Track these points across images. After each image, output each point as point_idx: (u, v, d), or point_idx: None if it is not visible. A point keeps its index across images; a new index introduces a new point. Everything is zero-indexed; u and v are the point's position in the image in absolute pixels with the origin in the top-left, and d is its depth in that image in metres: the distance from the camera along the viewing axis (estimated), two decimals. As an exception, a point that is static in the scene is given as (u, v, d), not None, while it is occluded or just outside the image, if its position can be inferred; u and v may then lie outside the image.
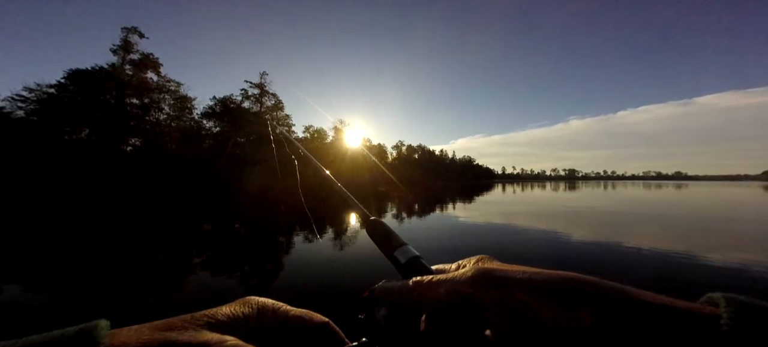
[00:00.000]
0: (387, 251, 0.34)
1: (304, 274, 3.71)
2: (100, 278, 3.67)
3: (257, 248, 5.17)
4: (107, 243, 5.58)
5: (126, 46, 29.77)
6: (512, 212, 10.63)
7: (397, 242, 0.34)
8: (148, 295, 3.16)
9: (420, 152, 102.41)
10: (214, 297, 3.04)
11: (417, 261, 0.31)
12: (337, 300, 2.86)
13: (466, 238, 6.08)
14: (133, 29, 30.40)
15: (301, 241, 5.61)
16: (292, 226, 7.33)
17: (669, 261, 4.32)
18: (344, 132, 55.50)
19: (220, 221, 8.92)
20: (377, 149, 73.14)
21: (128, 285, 3.45)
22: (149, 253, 4.93)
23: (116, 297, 3.07)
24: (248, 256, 4.67)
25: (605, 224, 7.93)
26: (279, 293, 3.21)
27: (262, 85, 40.17)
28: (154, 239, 6.09)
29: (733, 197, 19.67)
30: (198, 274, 3.84)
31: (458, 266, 0.27)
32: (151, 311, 2.77)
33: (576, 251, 4.94)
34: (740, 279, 3.56)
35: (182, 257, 4.73)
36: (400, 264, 0.31)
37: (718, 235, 6.40)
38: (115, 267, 4.13)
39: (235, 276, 3.75)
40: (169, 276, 3.85)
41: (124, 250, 5.05)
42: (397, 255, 0.32)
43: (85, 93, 24.91)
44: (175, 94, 33.77)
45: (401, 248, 0.33)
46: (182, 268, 4.15)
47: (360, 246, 5.01)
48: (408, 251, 0.32)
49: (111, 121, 26.75)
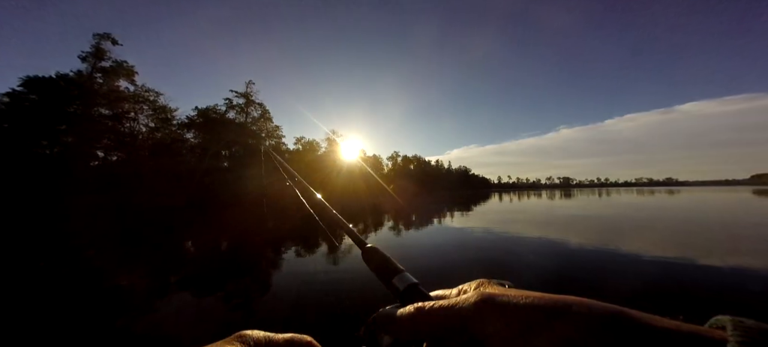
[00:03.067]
0: (385, 278, 0.33)
1: (290, 294, 3.55)
2: (64, 307, 3.20)
3: (240, 268, 4.86)
4: (68, 266, 4.99)
5: (97, 54, 27.62)
6: (519, 220, 10.42)
7: (394, 269, 0.33)
8: (122, 321, 2.83)
9: (416, 162, 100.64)
10: (194, 324, 2.83)
11: (415, 288, 0.30)
12: (331, 319, 2.76)
13: (466, 252, 5.73)
14: (106, 36, 28.32)
15: (292, 258, 5.35)
16: (279, 244, 6.87)
17: (679, 266, 4.34)
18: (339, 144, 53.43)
19: (199, 239, 8.28)
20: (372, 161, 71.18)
21: (96, 313, 3.05)
22: (118, 274, 4.46)
23: (80, 329, 2.64)
24: (229, 276, 4.38)
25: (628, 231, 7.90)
26: (266, 314, 3.02)
27: (248, 94, 38.14)
28: (122, 259, 5.55)
29: (742, 203, 18.86)
30: (176, 297, 3.56)
31: (459, 291, 0.27)
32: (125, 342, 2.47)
33: (596, 261, 4.90)
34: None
35: (157, 277, 4.40)
36: (398, 291, 0.31)
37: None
38: (79, 292, 3.67)
39: (216, 297, 3.51)
40: (143, 299, 3.49)
41: (88, 273, 4.57)
42: (395, 282, 0.32)
43: (44, 103, 22.49)
44: (153, 104, 31.69)
45: (399, 275, 0.32)
46: (158, 290, 3.82)
47: (352, 265, 4.69)
48: (406, 278, 0.32)
49: (76, 132, 24.32)
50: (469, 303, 0.22)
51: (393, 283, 0.32)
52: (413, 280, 0.31)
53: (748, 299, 3.21)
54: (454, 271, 4.51)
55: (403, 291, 0.30)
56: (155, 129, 31.62)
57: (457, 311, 0.22)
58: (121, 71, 28.49)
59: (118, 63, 28.64)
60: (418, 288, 0.30)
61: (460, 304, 0.22)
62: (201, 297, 3.52)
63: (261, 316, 2.97)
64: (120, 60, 28.84)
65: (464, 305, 0.22)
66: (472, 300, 0.21)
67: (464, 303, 0.22)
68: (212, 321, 2.86)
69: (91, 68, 27.18)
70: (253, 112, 38.91)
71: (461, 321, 0.21)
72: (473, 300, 0.21)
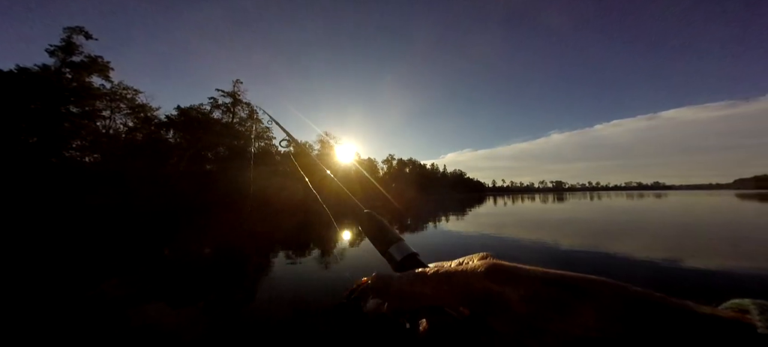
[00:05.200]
0: (381, 246, 0.31)
1: (281, 299, 3.41)
2: (31, 322, 2.87)
3: (224, 275, 4.66)
4: (34, 277, 4.49)
5: (68, 48, 25.44)
6: (514, 224, 10.61)
7: (392, 237, 0.31)
8: (106, 331, 2.65)
9: (411, 166, 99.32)
10: (168, 335, 2.67)
11: (414, 259, 0.29)
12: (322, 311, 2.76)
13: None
14: (79, 29, 26.16)
15: (281, 261, 5.32)
16: (269, 249, 6.73)
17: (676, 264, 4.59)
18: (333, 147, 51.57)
19: (178, 244, 7.93)
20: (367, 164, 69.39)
21: (73, 322, 2.83)
22: (98, 282, 4.20)
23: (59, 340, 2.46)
24: (214, 283, 4.20)
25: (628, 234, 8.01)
26: (254, 320, 2.94)
27: (236, 93, 36.16)
28: (93, 266, 5.20)
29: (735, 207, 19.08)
30: (155, 306, 3.33)
31: (460, 263, 0.24)
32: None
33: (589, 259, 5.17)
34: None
35: (129, 286, 4.07)
36: (395, 261, 0.29)
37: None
38: (53, 301, 3.37)
39: (192, 307, 3.33)
40: (113, 309, 3.19)
41: (60, 281, 4.19)
42: (392, 252, 0.30)
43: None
44: (131, 102, 29.58)
45: (397, 244, 0.30)
46: (129, 300, 3.51)
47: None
48: (404, 248, 0.30)
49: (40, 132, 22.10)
50: (478, 270, 0.20)
51: (390, 252, 0.30)
52: (412, 250, 0.30)
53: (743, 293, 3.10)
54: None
55: (401, 262, 0.29)
56: (135, 129, 29.69)
57: (463, 278, 0.20)
58: (94, 67, 26.32)
59: (92, 58, 26.49)
60: (417, 259, 0.29)
61: (468, 271, 0.21)
62: (180, 307, 3.31)
63: (250, 322, 2.82)
64: (94, 55, 26.72)
65: (472, 272, 0.20)
66: (482, 269, 0.20)
67: (472, 270, 0.20)
68: (193, 333, 2.68)
69: (60, 63, 24.99)
70: (241, 112, 36.91)
71: (467, 289, 0.20)
72: (483, 269, 0.20)
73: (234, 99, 36.08)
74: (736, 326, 0.15)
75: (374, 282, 0.26)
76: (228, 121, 35.23)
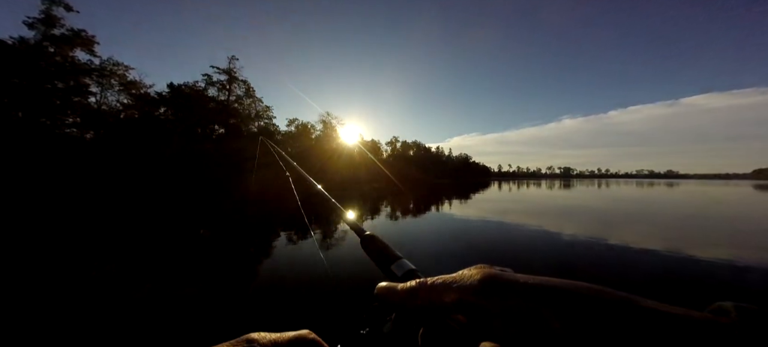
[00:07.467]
0: (383, 266, 0.34)
1: (283, 287, 3.41)
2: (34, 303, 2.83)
3: (224, 261, 4.47)
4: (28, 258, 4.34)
5: (47, 20, 23.67)
6: (519, 211, 10.48)
7: (392, 256, 0.34)
8: (107, 318, 2.53)
9: (415, 148, 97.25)
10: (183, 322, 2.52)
11: (414, 274, 0.31)
12: (328, 309, 2.70)
13: (464, 238, 5.87)
14: (58, 1, 24.32)
15: (283, 244, 5.26)
16: (270, 234, 6.34)
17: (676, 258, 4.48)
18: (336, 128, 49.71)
19: (172, 227, 7.60)
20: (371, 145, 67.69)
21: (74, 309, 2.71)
22: (100, 266, 4.02)
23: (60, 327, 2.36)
24: (213, 270, 3.99)
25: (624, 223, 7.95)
26: (259, 309, 2.79)
27: (231, 70, 34.31)
28: (93, 248, 5.02)
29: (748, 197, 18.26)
30: (160, 292, 3.17)
31: (458, 274, 0.25)
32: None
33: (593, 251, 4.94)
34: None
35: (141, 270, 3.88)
36: (396, 277, 0.31)
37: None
38: (50, 286, 3.22)
39: (196, 293, 3.18)
40: (140, 293, 3.10)
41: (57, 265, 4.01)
42: (393, 269, 0.32)
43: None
44: (122, 79, 28.07)
45: (397, 262, 0.33)
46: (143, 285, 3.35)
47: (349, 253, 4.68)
48: (404, 265, 0.32)
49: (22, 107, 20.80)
50: (473, 279, 0.21)
51: (391, 270, 0.32)
52: (411, 266, 0.32)
53: (744, 290, 3.31)
54: (452, 258, 4.57)
55: (402, 277, 0.31)
56: (128, 107, 28.37)
57: (460, 286, 0.22)
58: (77, 41, 24.62)
59: (74, 32, 24.74)
60: (417, 274, 0.31)
61: (465, 280, 0.22)
62: (181, 293, 3.15)
63: (254, 311, 2.69)
64: (77, 29, 24.95)
65: (468, 282, 0.21)
66: (477, 278, 0.21)
67: (468, 280, 0.21)
68: (194, 319, 2.55)
69: (41, 36, 23.30)
70: (237, 89, 35.17)
71: (463, 297, 0.21)
72: (478, 278, 0.21)
73: (230, 76, 34.28)
74: (708, 326, 0.15)
75: (379, 290, 0.27)
76: (224, 99, 33.60)
